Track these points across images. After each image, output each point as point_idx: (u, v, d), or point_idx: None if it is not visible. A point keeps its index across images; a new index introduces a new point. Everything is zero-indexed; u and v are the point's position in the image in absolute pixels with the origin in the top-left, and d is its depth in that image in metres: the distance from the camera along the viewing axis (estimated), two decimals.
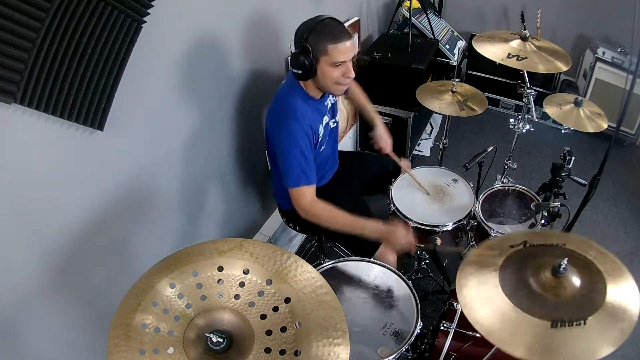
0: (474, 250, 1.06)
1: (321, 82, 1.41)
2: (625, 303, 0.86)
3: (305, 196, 1.43)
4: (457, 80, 2.03)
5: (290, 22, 1.95)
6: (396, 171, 1.93)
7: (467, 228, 1.75)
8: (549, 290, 0.89)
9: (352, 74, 1.40)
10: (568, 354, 0.80)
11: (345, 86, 1.44)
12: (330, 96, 1.63)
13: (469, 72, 3.55)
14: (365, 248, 1.60)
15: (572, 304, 0.87)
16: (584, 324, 0.83)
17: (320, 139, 1.55)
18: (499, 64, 1.81)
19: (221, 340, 0.75)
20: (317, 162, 1.61)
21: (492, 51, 1.83)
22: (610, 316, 0.84)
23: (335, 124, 1.69)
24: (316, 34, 1.31)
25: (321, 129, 1.55)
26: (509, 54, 1.80)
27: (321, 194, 1.49)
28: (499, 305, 0.89)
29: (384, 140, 1.86)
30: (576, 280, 0.90)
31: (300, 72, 1.35)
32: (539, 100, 2.00)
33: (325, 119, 1.59)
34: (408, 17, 2.72)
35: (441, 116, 3.18)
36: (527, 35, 1.85)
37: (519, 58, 1.78)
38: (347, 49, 1.34)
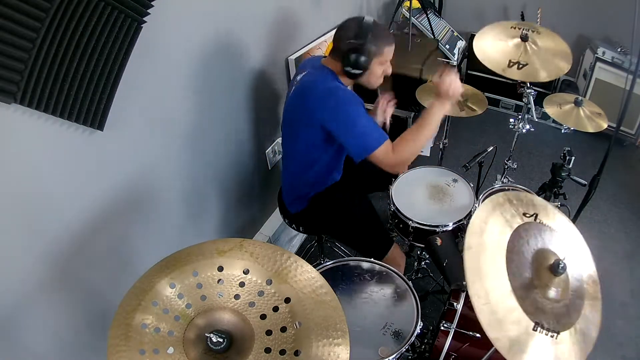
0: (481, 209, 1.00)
1: (364, 77, 1.46)
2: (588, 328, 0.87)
3: (386, 155, 1.37)
4: None
5: (290, 21, 1.95)
6: None
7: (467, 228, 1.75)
8: (542, 287, 0.89)
9: (390, 71, 1.50)
10: None
11: (381, 81, 1.51)
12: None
13: (469, 72, 3.55)
14: (375, 250, 1.61)
15: (555, 311, 0.87)
16: (556, 338, 0.84)
17: None
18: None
19: (221, 340, 0.75)
20: (342, 154, 1.62)
21: (493, 58, 1.82)
22: (577, 336, 0.86)
23: None
24: (376, 35, 1.38)
25: None
26: (510, 61, 1.79)
27: (330, 192, 1.49)
28: (500, 282, 0.88)
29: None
30: (566, 285, 0.90)
31: (358, 71, 1.40)
32: (539, 100, 2.00)
33: None
34: (408, 17, 2.72)
35: None
36: (527, 34, 1.85)
37: (520, 66, 1.77)
38: (393, 49, 1.47)
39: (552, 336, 0.83)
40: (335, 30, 1.45)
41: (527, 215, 0.98)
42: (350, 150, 1.38)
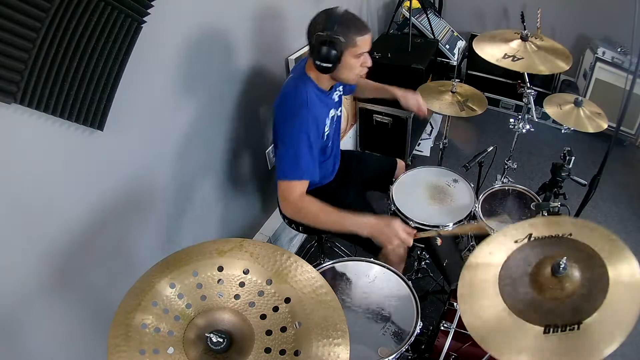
0: (475, 253, 1.02)
1: (341, 73, 1.39)
2: (628, 298, 0.82)
3: (295, 190, 1.37)
4: (457, 80, 2.03)
5: (290, 21, 1.96)
6: (394, 170, 1.93)
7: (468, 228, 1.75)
8: (547, 292, 0.89)
9: (370, 63, 1.42)
10: None
11: (360, 75, 1.45)
12: (338, 89, 1.62)
13: (469, 72, 3.55)
14: (372, 243, 1.60)
15: (569, 305, 0.86)
16: (578, 328, 0.81)
17: (327, 132, 1.54)
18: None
19: (221, 340, 0.75)
20: (325, 152, 1.61)
21: (489, 52, 1.83)
22: (610, 316, 0.81)
23: (340, 113, 1.68)
24: (343, 25, 1.30)
25: (327, 122, 1.54)
26: (505, 54, 1.80)
27: (324, 191, 1.48)
28: (495, 309, 0.89)
29: (411, 99, 1.78)
30: (577, 279, 0.89)
31: (329, 65, 1.32)
32: (539, 100, 2.00)
33: (332, 112, 1.58)
34: (408, 17, 2.72)
35: (441, 116, 3.18)
36: (527, 34, 1.85)
37: (515, 59, 1.78)
38: (370, 40, 1.37)
39: (571, 329, 0.81)
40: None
41: (519, 240, 0.99)
42: (277, 166, 1.40)
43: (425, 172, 1.91)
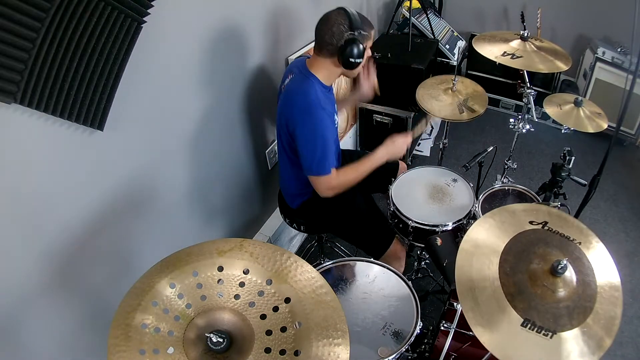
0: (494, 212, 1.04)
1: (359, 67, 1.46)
2: (600, 334, 0.84)
3: (327, 181, 1.46)
4: (457, 79, 2.02)
5: (290, 21, 1.95)
6: (396, 170, 1.93)
7: (467, 228, 1.75)
8: (540, 288, 0.89)
9: (370, 53, 1.50)
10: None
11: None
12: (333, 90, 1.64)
13: (469, 72, 3.55)
14: (376, 244, 1.62)
15: (552, 312, 0.87)
16: (551, 337, 0.83)
17: (336, 126, 1.59)
18: (498, 63, 1.82)
19: (221, 340, 0.75)
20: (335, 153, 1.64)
21: (489, 49, 1.83)
22: (580, 341, 0.83)
23: (338, 118, 1.70)
24: (363, 23, 1.40)
25: (336, 118, 1.58)
26: (505, 52, 1.81)
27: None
28: (487, 281, 0.90)
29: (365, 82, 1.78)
30: (570, 288, 0.89)
31: (360, 60, 1.40)
32: (539, 100, 2.00)
33: (336, 106, 1.62)
34: (408, 17, 2.72)
35: None
36: (527, 35, 1.86)
37: (514, 57, 1.78)
38: None
39: (545, 335, 0.83)
40: (320, 26, 1.42)
41: (534, 222, 0.99)
42: (305, 165, 1.46)
43: (425, 171, 1.91)
